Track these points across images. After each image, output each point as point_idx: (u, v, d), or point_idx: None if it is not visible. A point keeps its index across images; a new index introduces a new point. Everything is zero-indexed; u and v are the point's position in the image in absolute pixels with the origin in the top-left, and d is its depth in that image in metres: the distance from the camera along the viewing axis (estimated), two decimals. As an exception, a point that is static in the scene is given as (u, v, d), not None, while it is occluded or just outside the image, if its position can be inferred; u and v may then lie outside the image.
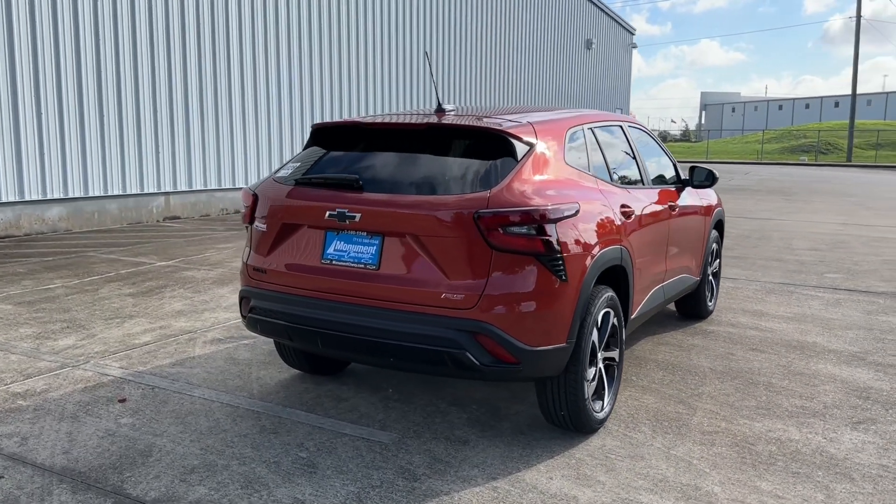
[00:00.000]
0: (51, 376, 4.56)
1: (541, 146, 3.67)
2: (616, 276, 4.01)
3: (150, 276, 7.68)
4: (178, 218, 12.71)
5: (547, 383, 3.63)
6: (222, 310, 6.31)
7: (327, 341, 3.57)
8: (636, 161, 4.85)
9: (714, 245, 6.27)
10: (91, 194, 11.15)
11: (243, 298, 3.94)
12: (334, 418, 4.00)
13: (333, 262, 3.55)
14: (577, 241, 3.50)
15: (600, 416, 3.85)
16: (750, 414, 4.18)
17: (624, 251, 3.98)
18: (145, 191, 12.03)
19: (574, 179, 3.81)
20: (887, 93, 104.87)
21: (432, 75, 4.35)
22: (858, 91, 61.67)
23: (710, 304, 6.34)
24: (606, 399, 3.93)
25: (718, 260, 6.56)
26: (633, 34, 33.30)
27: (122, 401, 4.18)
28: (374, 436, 3.78)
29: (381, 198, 3.45)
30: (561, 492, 3.25)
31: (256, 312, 3.82)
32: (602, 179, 4.14)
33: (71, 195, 10.85)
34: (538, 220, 3.28)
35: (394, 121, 3.95)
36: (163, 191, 12.35)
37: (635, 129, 5.15)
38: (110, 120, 11.30)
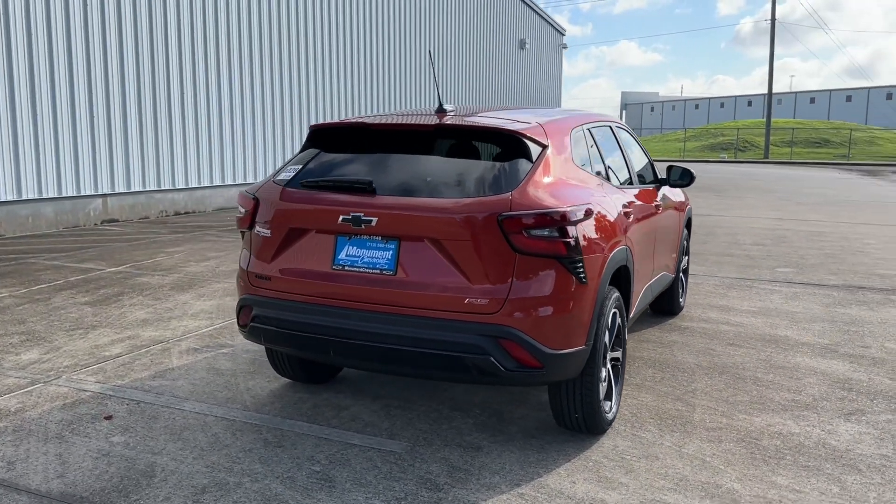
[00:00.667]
0: (22, 394, 4.27)
1: (552, 147, 3.64)
2: (619, 277, 4.02)
3: (102, 284, 7.31)
4: (117, 221, 12.18)
5: (562, 386, 3.60)
6: (189, 318, 6.05)
7: (340, 350, 3.45)
8: (625, 160, 4.88)
9: (684, 242, 6.39)
10: (25, 197, 10.55)
11: (244, 307, 3.76)
12: (338, 428, 3.87)
13: (346, 267, 3.43)
14: (594, 243, 3.48)
15: (610, 416, 3.85)
16: (746, 409, 4.26)
17: (628, 251, 4.00)
18: (82, 192, 11.46)
19: (583, 180, 3.79)
20: (796, 92, 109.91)
21: (435, 77, 4.24)
22: (754, 91, 64.30)
23: (681, 300, 6.46)
24: (614, 399, 3.93)
25: (687, 256, 6.69)
26: (563, 35, 33.83)
27: (108, 418, 3.94)
28: (384, 445, 3.68)
29: (397, 201, 3.35)
30: (587, 496, 3.22)
31: (260, 321, 3.65)
32: (603, 179, 4.14)
33: (3, 198, 10.24)
34: (561, 222, 3.25)
35: (401, 121, 3.85)
36: (100, 192, 11.80)
37: (621, 129, 5.18)
38: (44, 119, 10.72)
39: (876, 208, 16.70)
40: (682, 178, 5.53)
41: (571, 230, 3.28)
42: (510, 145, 3.51)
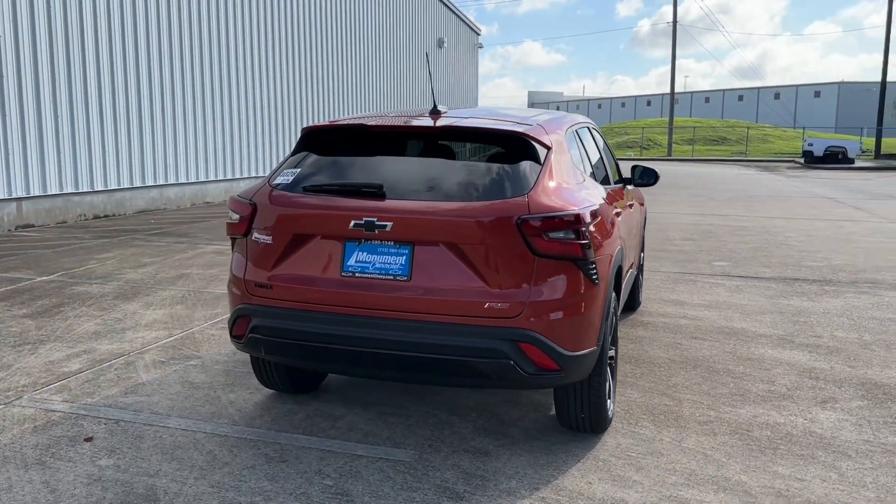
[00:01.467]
0: (-16, 417, 3.94)
1: (554, 148, 3.64)
2: (618, 276, 4.06)
3: (37, 294, 6.85)
4: (33, 226, 11.45)
5: (569, 388, 3.61)
6: (144, 328, 5.74)
7: (352, 358, 3.34)
8: (603, 160, 4.95)
9: (643, 238, 6.55)
10: (-69, 202, 9.79)
11: (240, 318, 3.58)
12: (338, 439, 3.75)
13: (356, 274, 3.32)
14: (602, 244, 3.51)
15: (610, 414, 3.89)
16: (729, 401, 4.40)
17: (622, 251, 4.05)
18: (-6, 197, 10.73)
19: (580, 181, 3.81)
20: (692, 92, 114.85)
21: (430, 76, 4.20)
22: (653, 91, 67.00)
23: (640, 295, 6.61)
24: (612, 398, 3.97)
25: (643, 252, 6.86)
26: (478, 34, 34.11)
27: (89, 439, 3.69)
28: (391, 455, 3.59)
29: (411, 205, 3.26)
30: (607, 495, 3.24)
31: (260, 332, 3.49)
32: (593, 179, 4.18)
33: None
34: (577, 224, 3.25)
35: (403, 123, 3.76)
36: (14, 196, 11.07)
37: (595, 130, 5.25)
38: (-49, 117, 9.97)
39: (783, 202, 17.62)
40: (646, 178, 5.65)
41: (586, 231, 3.29)
42: (517, 147, 3.49)
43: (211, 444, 3.68)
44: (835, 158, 39.47)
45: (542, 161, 3.47)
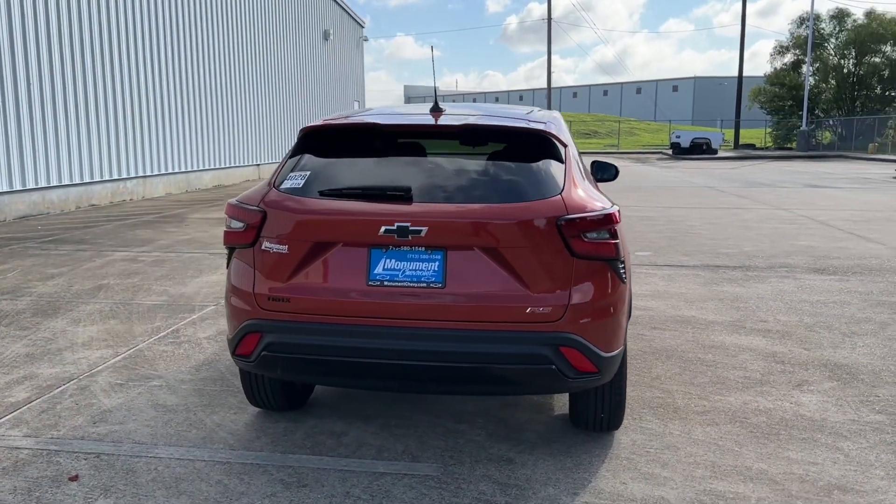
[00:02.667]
0: (-65, 462, 3.44)
1: (570, 145, 3.58)
2: None
3: (-61, 314, 6.10)
4: None
5: (592, 389, 3.57)
6: (83, 348, 5.23)
7: (385, 373, 3.14)
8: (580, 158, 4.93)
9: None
10: None
11: (248, 334, 3.27)
12: (352, 457, 3.54)
13: (384, 283, 3.12)
14: (624, 244, 3.49)
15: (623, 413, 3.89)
16: (714, 390, 4.51)
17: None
18: None
19: (584, 178, 3.77)
20: (561, 87, 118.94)
21: (433, 72, 4.00)
22: (523, 87, 69.18)
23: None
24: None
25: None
26: (363, 27, 33.67)
27: (74, 478, 3.29)
28: (414, 469, 3.42)
29: (445, 208, 3.10)
30: (645, 495, 3.22)
31: (277, 349, 3.21)
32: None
33: None
34: (611, 224, 3.21)
35: (418, 122, 3.56)
36: None
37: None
38: None
39: (671, 192, 18.51)
40: (608, 173, 5.72)
41: (617, 231, 3.25)
42: (542, 146, 3.40)
43: (216, 472, 3.37)
44: (700, 149, 42.04)
45: (563, 159, 3.41)
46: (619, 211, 3.37)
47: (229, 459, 3.50)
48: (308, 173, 3.35)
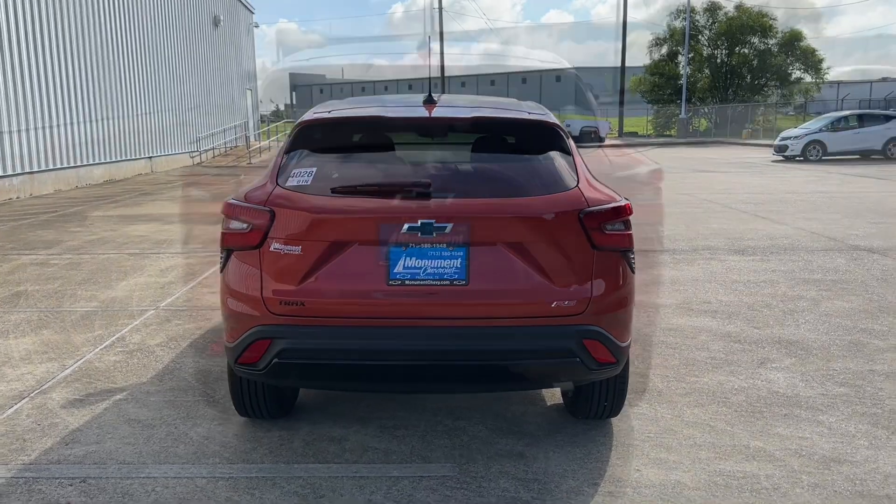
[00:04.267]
0: None
1: (571, 138, 3.58)
2: None
3: None
4: None
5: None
6: (23, 362, 4.79)
7: (409, 374, 3.04)
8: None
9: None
10: None
11: (257, 341, 3.07)
12: (360, 462, 3.42)
13: (405, 281, 3.00)
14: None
15: (621, 400, 3.94)
16: (689, 370, 4.65)
17: None
18: None
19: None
20: (450, 77, 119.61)
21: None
22: (411, 76, 69.88)
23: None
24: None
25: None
26: (253, 13, 32.55)
27: (66, 508, 3.01)
28: (430, 471, 3.34)
29: (467, 203, 3.01)
30: (660, 480, 3.29)
31: (290, 356, 3.03)
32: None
33: None
34: (626, 214, 3.23)
35: (426, 115, 3.43)
36: None
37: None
38: None
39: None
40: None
41: (630, 222, 3.28)
42: (551, 138, 3.37)
43: (222, 489, 3.17)
44: (589, 137, 43.44)
45: (570, 151, 3.39)
46: (629, 201, 3.40)
47: (231, 474, 3.30)
48: (314, 169, 3.18)
